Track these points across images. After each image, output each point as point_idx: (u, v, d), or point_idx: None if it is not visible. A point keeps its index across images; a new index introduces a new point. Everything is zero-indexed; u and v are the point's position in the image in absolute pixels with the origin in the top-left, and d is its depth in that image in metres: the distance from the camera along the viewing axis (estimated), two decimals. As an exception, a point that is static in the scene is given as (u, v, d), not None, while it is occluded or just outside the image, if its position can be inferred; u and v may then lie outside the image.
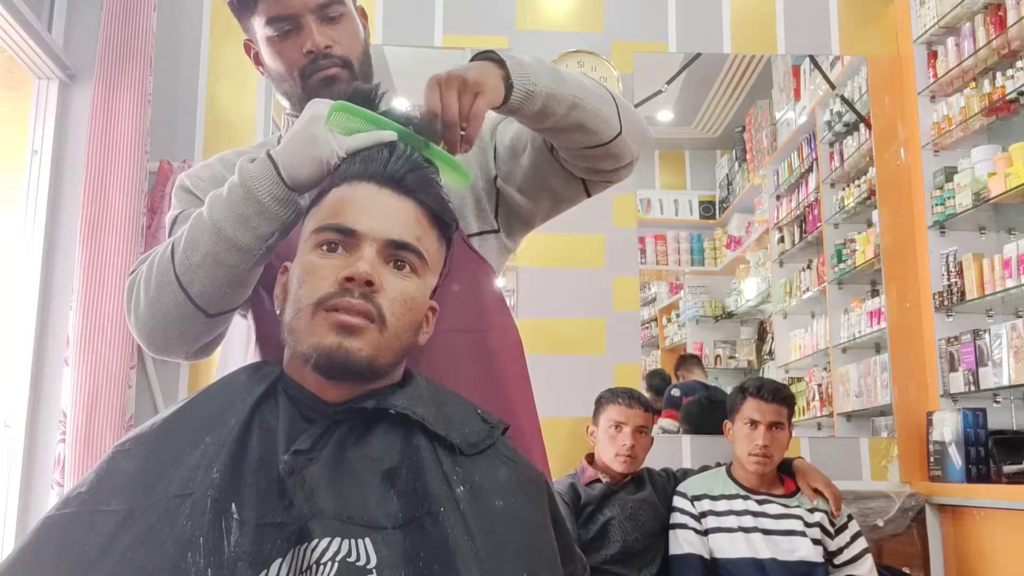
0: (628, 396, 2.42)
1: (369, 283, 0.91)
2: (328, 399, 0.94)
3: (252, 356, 1.20)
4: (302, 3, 1.18)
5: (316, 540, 0.82)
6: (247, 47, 1.29)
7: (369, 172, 0.98)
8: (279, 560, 0.82)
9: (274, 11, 1.19)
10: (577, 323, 2.85)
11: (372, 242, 0.94)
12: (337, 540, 0.82)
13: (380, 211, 0.95)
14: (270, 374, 0.98)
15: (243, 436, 0.90)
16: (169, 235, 1.20)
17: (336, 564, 0.80)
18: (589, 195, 1.29)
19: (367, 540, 0.83)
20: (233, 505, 0.84)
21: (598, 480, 2.37)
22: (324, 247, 0.95)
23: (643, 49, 3.04)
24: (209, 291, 1.05)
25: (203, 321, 1.08)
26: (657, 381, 2.99)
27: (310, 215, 1.00)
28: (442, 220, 1.01)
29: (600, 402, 2.46)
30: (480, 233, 1.28)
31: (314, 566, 0.80)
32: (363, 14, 1.31)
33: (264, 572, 0.81)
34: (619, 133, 1.18)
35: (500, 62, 1.08)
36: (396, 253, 0.95)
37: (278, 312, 0.99)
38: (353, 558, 0.81)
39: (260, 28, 1.21)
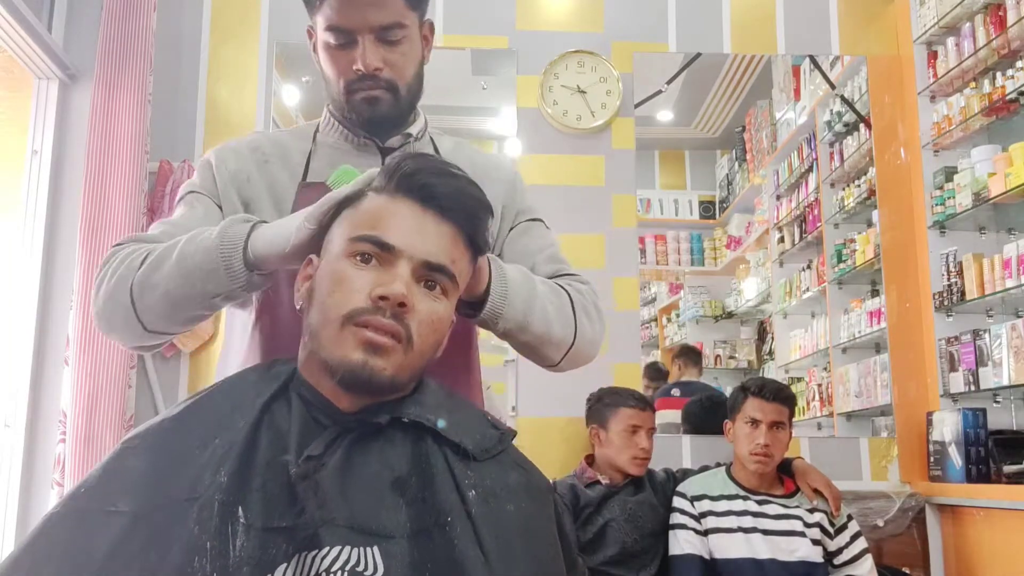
0: (640, 399, 2.42)
1: (402, 304, 0.90)
2: (342, 407, 0.93)
3: (251, 351, 1.21)
4: (362, 21, 1.19)
5: (326, 548, 0.81)
6: (309, 33, 1.30)
7: (412, 188, 0.96)
8: (284, 565, 0.81)
9: (335, 21, 1.20)
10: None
11: (408, 261, 0.92)
12: (347, 549, 0.82)
13: (419, 231, 0.94)
14: (281, 374, 0.98)
15: (252, 438, 0.89)
16: (174, 205, 1.25)
17: (345, 574, 0.80)
18: None
19: (375, 549, 0.83)
20: (240, 509, 0.84)
21: (597, 482, 2.37)
22: (358, 257, 0.93)
23: (643, 49, 3.04)
24: (151, 312, 1.08)
25: (140, 332, 1.11)
26: (654, 372, 2.99)
27: (344, 217, 0.98)
28: (477, 243, 1.00)
29: (606, 404, 2.43)
30: None
31: (323, 574, 0.80)
32: (430, 28, 1.32)
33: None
34: (554, 365, 1.24)
35: (488, 281, 1.09)
36: (430, 274, 0.94)
37: (297, 306, 0.98)
38: (361, 567, 0.81)
39: (321, 30, 1.23)
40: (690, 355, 3.06)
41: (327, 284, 0.93)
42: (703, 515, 2.28)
